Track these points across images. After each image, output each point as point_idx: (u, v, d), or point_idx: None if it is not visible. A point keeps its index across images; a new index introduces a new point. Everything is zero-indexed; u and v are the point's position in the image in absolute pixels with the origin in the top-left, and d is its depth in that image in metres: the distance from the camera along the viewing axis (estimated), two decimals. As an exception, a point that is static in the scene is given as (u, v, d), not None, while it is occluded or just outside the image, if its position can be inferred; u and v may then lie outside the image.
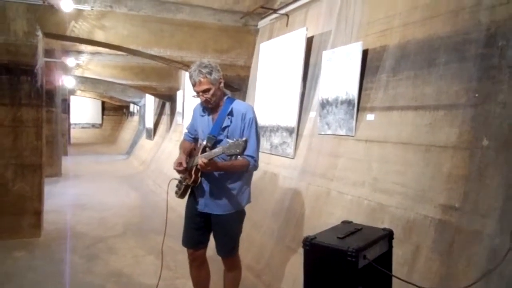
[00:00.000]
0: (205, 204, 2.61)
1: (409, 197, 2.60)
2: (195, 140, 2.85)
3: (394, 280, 2.04)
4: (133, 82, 9.99)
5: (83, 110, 21.86)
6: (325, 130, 3.58)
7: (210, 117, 2.65)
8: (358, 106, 3.22)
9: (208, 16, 5.23)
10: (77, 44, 8.40)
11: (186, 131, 2.94)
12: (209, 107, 2.61)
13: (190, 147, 2.79)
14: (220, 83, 2.58)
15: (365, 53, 3.24)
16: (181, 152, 2.77)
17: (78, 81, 13.43)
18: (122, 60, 9.40)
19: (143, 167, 10.92)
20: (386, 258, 1.94)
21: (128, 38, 4.96)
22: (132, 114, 18.89)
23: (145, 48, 5.07)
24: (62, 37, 4.85)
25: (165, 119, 11.23)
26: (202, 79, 2.47)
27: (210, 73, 2.48)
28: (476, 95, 2.32)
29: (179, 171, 2.67)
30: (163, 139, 10.65)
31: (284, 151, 4.18)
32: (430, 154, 2.54)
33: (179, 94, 9.35)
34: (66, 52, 8.93)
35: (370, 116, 3.11)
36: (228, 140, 2.46)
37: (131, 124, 18.46)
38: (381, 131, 2.98)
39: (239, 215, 2.67)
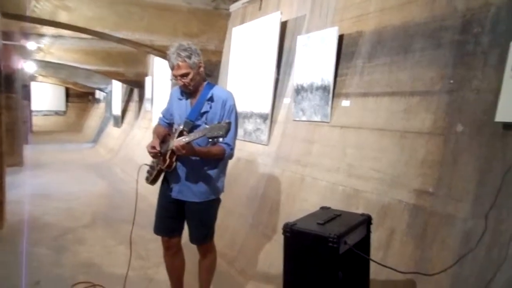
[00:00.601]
0: (179, 191, 2.54)
1: (384, 182, 2.62)
2: (170, 125, 2.75)
3: (371, 264, 2.06)
4: (99, 68, 9.63)
5: (46, 97, 20.92)
6: (300, 116, 3.55)
7: (188, 101, 2.56)
8: (334, 92, 3.21)
9: (178, -2, 5.07)
10: (38, 26, 7.97)
11: (161, 115, 2.83)
12: (187, 91, 2.51)
13: (164, 132, 2.69)
14: (199, 67, 2.48)
15: (340, 38, 3.22)
16: (155, 136, 2.67)
17: (39, 66, 12.81)
18: (86, 44, 8.97)
19: (111, 155, 10.63)
20: (364, 243, 1.95)
21: (94, 20, 4.74)
22: (98, 101, 18.30)
23: (112, 31, 4.85)
24: (22, 18, 4.56)
25: (133, 106, 10.93)
26: (180, 63, 2.36)
27: (189, 57, 2.37)
28: (451, 81, 2.35)
29: (152, 155, 2.58)
30: (131, 127, 10.38)
31: (258, 138, 4.14)
32: (405, 140, 2.57)
33: (147, 80, 9.09)
34: (26, 34, 8.45)
35: (345, 102, 3.11)
36: (206, 126, 2.38)
37: (97, 111, 17.89)
38: (357, 117, 2.98)
39: (215, 203, 2.61)
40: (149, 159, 2.76)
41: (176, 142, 2.33)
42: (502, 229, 1.91)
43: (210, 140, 2.22)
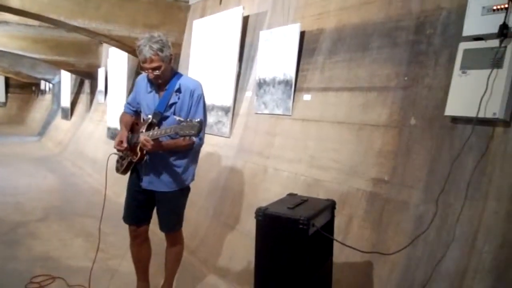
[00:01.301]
0: (150, 181, 2.55)
1: (343, 172, 2.78)
2: (136, 112, 2.74)
3: (334, 247, 2.20)
4: (47, 57, 9.18)
5: (-17, 87, 19.60)
6: (262, 110, 3.65)
7: (156, 91, 2.56)
8: (295, 86, 3.34)
9: (137, -12, 4.99)
10: (-20, 11, 7.50)
11: (127, 102, 2.80)
12: (157, 84, 2.52)
13: (131, 121, 2.69)
14: (170, 59, 2.48)
15: (302, 35, 3.35)
16: (122, 127, 2.65)
17: (-22, 53, 11.99)
18: (34, 31, 8.53)
19: (60, 148, 10.20)
20: (329, 226, 2.08)
21: (48, 6, 4.56)
22: (43, 92, 17.37)
23: (67, 18, 4.69)
24: (-33, 1, 4.30)
25: (84, 98, 10.52)
26: (153, 57, 2.34)
27: (162, 50, 2.36)
28: (406, 78, 2.54)
29: (120, 151, 2.56)
30: (82, 119, 10.01)
31: (220, 130, 4.20)
32: (363, 132, 2.74)
33: (100, 71, 8.81)
34: (-34, 19, 7.91)
35: (307, 97, 3.25)
36: (175, 117, 2.41)
37: (43, 103, 17.00)
38: (318, 110, 3.13)
39: (184, 191, 2.65)
40: (101, 152, 2.75)
41: (143, 137, 2.33)
42: (449, 212, 2.12)
43: (177, 137, 2.27)
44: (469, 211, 2.05)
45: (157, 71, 2.40)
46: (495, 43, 2.01)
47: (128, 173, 2.69)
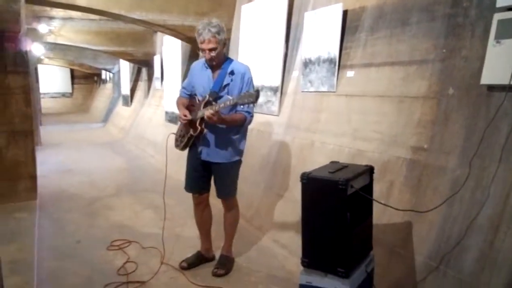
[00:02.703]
0: (207, 153, 2.90)
1: (385, 142, 2.97)
2: (190, 96, 3.08)
3: (374, 208, 2.43)
4: (108, 48, 9.89)
5: (52, 79, 21.22)
6: (308, 88, 3.88)
7: (210, 73, 2.88)
8: (339, 64, 3.52)
9: (188, -22, 5.33)
10: (48, 9, 8.24)
11: (182, 88, 3.14)
12: (211, 64, 2.83)
13: (187, 103, 3.03)
14: (224, 44, 2.80)
15: (344, 13, 3.51)
16: (181, 107, 3.01)
17: (47, 48, 13.08)
18: (95, 25, 9.25)
19: (123, 133, 11.00)
20: (368, 189, 2.31)
21: (110, 2, 5.02)
22: (104, 81, 18.56)
23: (127, 12, 5.14)
24: (43, 2, 4.85)
25: (142, 85, 11.23)
26: (211, 38, 2.66)
27: (219, 33, 2.68)
28: (444, 50, 2.66)
29: (184, 122, 2.92)
30: (141, 105, 10.71)
31: (269, 109, 4.48)
32: (403, 104, 2.90)
33: (156, 59, 9.37)
34: (37, 17, 8.71)
35: (350, 73, 3.43)
36: (228, 96, 2.73)
37: (104, 92, 18.19)
38: (360, 86, 3.31)
39: (237, 163, 2.99)
40: (160, 135, 3.13)
41: (208, 111, 2.63)
42: (484, 174, 2.27)
43: (241, 106, 2.56)
44: (503, 172, 2.18)
45: (213, 52, 2.71)
46: (527, 12, 2.10)
47: (187, 150, 3.06)
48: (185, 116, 2.86)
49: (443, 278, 2.29)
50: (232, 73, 2.82)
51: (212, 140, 2.87)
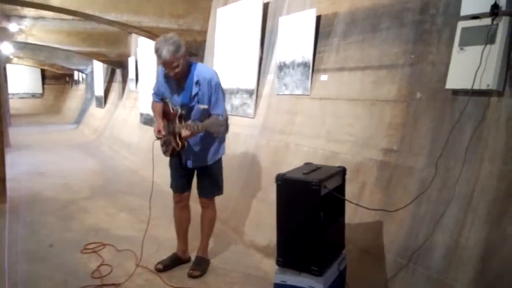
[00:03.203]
0: (193, 161, 2.99)
1: (357, 144, 3.06)
2: (162, 100, 3.07)
3: (346, 208, 2.51)
4: (81, 48, 9.71)
5: (21, 79, 20.59)
6: (283, 91, 3.95)
7: (177, 84, 2.89)
8: (313, 68, 3.61)
9: (163, -20, 5.31)
10: (19, 8, 8.03)
11: (153, 92, 3.12)
12: (177, 79, 2.84)
13: (162, 108, 3.04)
14: (185, 56, 2.79)
15: (318, 19, 3.60)
16: (157, 116, 3.03)
17: (17, 48, 12.71)
18: (67, 25, 9.05)
19: (96, 135, 10.83)
20: (340, 189, 2.39)
21: (84, 2, 4.95)
22: (77, 82, 18.18)
23: (102, 13, 5.08)
24: (15, 2, 4.75)
25: (116, 86, 11.08)
26: (171, 58, 2.65)
27: (178, 51, 2.66)
28: (412, 56, 2.77)
29: (160, 139, 2.97)
30: (115, 107, 10.57)
31: (245, 112, 4.52)
32: (375, 107, 3.00)
33: (130, 60, 9.26)
34: (7, 16, 8.47)
35: (323, 77, 3.51)
36: (200, 106, 2.82)
37: (77, 93, 17.82)
38: (334, 89, 3.40)
39: (219, 163, 3.08)
40: (135, 137, 3.15)
41: (184, 132, 2.70)
42: (449, 175, 2.38)
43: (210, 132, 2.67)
44: (467, 172, 2.30)
45: (177, 68, 2.73)
46: (488, 21, 2.22)
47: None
48: (160, 132, 2.92)
49: (412, 275, 2.39)
50: (198, 82, 2.84)
51: (195, 149, 2.96)
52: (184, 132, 2.70)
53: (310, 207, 2.11)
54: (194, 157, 2.98)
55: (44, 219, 4.30)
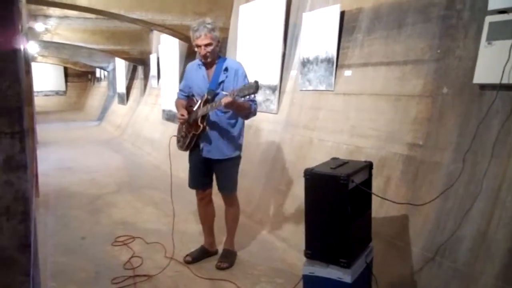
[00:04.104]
0: (208, 151, 3.00)
1: (382, 139, 3.09)
2: (188, 97, 3.17)
3: (372, 202, 2.54)
4: (105, 46, 9.94)
5: (45, 77, 21.15)
6: (307, 86, 3.98)
7: (205, 72, 2.99)
8: (337, 63, 3.63)
9: (187, -21, 5.41)
10: (45, 7, 8.26)
11: (179, 90, 3.24)
12: (206, 61, 2.93)
13: (186, 104, 3.13)
14: (218, 42, 2.92)
15: (342, 14, 3.61)
16: (180, 107, 3.12)
17: (42, 47, 13.06)
18: (91, 24, 9.28)
19: (119, 131, 11.05)
20: (367, 184, 2.42)
21: (110, 2, 5.09)
22: (99, 79, 18.55)
23: (127, 11, 5.21)
24: (44, 3, 4.91)
25: (138, 83, 11.27)
26: (207, 33, 2.80)
27: (214, 30, 2.83)
28: (438, 51, 2.78)
29: (182, 121, 3.04)
30: (137, 103, 10.76)
31: (268, 107, 4.58)
32: (399, 102, 3.02)
33: (152, 57, 9.42)
34: (33, 16, 8.73)
35: (347, 72, 3.54)
36: (224, 93, 2.82)
37: (99, 90, 18.18)
38: (358, 85, 3.42)
39: (237, 159, 3.11)
40: (157, 133, 3.22)
41: (224, 99, 2.67)
42: (477, 169, 2.39)
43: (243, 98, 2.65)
44: (495, 167, 2.30)
45: (209, 47, 2.84)
46: (517, 15, 2.22)
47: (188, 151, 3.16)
48: (182, 115, 2.98)
49: (439, 268, 2.41)
50: (226, 69, 2.94)
51: (213, 137, 2.98)
52: (226, 99, 2.65)
53: (338, 201, 2.15)
54: (211, 146, 2.98)
55: (74, 213, 4.46)
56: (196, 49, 2.94)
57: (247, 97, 2.66)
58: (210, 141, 2.98)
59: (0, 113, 1.17)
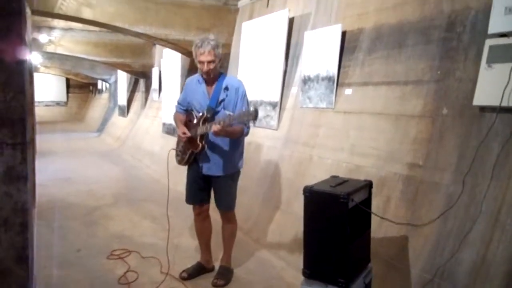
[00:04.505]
0: (208, 168, 3.00)
1: (381, 158, 3.09)
2: (186, 111, 3.16)
3: (372, 222, 2.53)
4: (107, 59, 10.00)
5: (47, 88, 21.20)
6: (307, 104, 4.00)
7: (205, 89, 2.99)
8: (338, 82, 3.66)
9: (190, -6, 5.49)
10: (49, 19, 8.34)
11: (177, 104, 3.22)
12: (208, 78, 2.94)
13: (184, 119, 3.13)
14: (220, 59, 2.93)
15: (343, 34, 3.66)
16: (179, 123, 3.11)
17: (45, 57, 13.16)
18: (95, 36, 9.37)
19: (118, 143, 11.04)
20: (367, 203, 2.41)
21: (115, 15, 5.14)
22: (100, 91, 18.62)
23: (131, 25, 5.26)
24: (50, 15, 4.96)
25: (139, 96, 11.32)
26: (211, 50, 2.80)
27: (217, 47, 2.84)
28: (438, 72, 2.80)
29: (183, 139, 3.01)
30: (138, 116, 10.78)
31: (268, 124, 4.59)
32: (400, 122, 3.03)
33: (154, 71, 9.49)
34: (37, 27, 8.81)
35: (348, 91, 3.56)
36: (225, 111, 2.86)
37: (100, 101, 18.23)
38: (358, 103, 3.44)
39: (236, 175, 3.10)
40: (157, 146, 3.21)
41: (215, 127, 2.69)
42: (477, 191, 2.38)
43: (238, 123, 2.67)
44: (495, 189, 2.30)
45: (211, 64, 2.84)
46: (517, 39, 2.25)
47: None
48: (184, 133, 2.96)
49: (437, 290, 2.39)
50: (226, 88, 2.94)
51: (212, 155, 2.98)
52: (215, 127, 2.68)
53: (337, 220, 2.14)
54: (210, 164, 2.97)
55: (70, 224, 4.42)
56: (198, 65, 2.95)
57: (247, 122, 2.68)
58: (210, 159, 2.98)
59: (3, 123, 1.17)
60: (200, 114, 2.97)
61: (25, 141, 1.22)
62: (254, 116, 2.52)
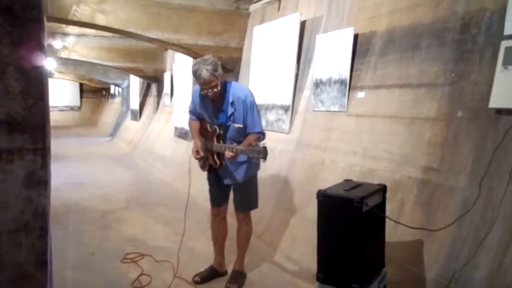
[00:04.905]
0: (230, 179, 3.06)
1: (395, 161, 3.06)
2: (199, 118, 3.18)
3: (386, 226, 2.50)
4: (121, 64, 10.12)
5: (61, 93, 21.53)
6: (319, 107, 3.99)
7: (214, 106, 2.98)
8: (350, 85, 3.64)
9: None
10: (63, 25, 8.47)
11: (189, 110, 3.22)
12: (215, 98, 2.91)
13: (199, 126, 3.15)
14: (222, 75, 2.88)
15: (355, 37, 3.64)
16: (194, 135, 3.13)
17: (60, 63, 13.37)
18: (108, 42, 9.50)
19: (131, 147, 11.14)
20: (381, 207, 2.39)
21: (128, 21, 5.20)
22: (113, 96, 18.83)
23: (144, 31, 5.32)
24: (64, 21, 5.03)
25: (151, 100, 11.41)
26: (210, 77, 2.73)
27: (216, 70, 2.76)
28: (453, 74, 2.77)
29: (198, 159, 3.07)
30: (150, 120, 10.86)
31: (280, 127, 4.59)
32: (413, 125, 3.00)
33: (166, 75, 9.56)
34: (52, 34, 8.96)
35: (360, 94, 3.54)
36: (235, 125, 2.89)
37: (113, 106, 18.43)
38: (371, 106, 3.42)
39: (253, 179, 3.13)
40: (169, 150, 3.23)
41: (228, 154, 2.76)
42: (493, 195, 2.35)
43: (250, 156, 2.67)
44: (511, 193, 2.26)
45: (215, 89, 2.81)
46: (534, 41, 2.21)
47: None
48: (198, 153, 3.01)
49: (453, 295, 2.35)
50: (233, 103, 2.91)
51: (231, 167, 3.01)
52: (228, 154, 2.76)
53: (351, 224, 2.13)
54: (231, 175, 3.04)
55: (84, 228, 4.46)
56: (202, 91, 2.89)
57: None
58: (230, 171, 3.03)
59: (24, 130, 1.19)
60: (214, 128, 2.99)
61: (45, 146, 1.24)
62: (264, 154, 2.54)
